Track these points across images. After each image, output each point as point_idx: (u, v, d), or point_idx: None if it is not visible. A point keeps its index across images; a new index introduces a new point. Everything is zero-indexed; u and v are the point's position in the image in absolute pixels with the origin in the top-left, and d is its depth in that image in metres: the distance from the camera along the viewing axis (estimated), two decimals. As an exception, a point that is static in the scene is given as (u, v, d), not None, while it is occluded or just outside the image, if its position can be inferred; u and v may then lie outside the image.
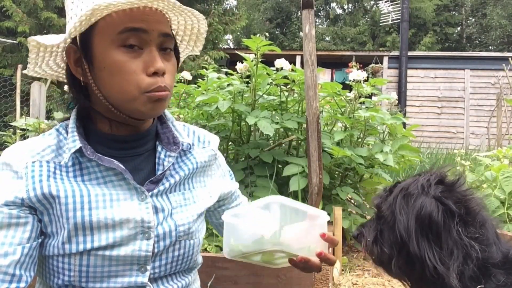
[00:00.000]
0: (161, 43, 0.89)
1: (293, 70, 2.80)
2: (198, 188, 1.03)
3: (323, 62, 10.38)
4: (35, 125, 3.33)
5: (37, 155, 0.89)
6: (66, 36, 0.88)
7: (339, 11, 22.50)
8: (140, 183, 0.92)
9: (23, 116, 4.01)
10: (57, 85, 8.33)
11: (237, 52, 3.43)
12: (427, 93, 10.67)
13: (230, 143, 3.05)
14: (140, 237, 0.89)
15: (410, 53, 10.73)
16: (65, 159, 0.89)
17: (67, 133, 0.93)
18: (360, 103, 3.05)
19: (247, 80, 2.90)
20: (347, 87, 3.06)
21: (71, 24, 0.87)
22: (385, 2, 14.01)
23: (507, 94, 7.90)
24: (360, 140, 3.02)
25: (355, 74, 2.85)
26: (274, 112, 2.93)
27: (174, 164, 0.98)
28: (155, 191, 0.93)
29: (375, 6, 19.84)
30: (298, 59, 10.35)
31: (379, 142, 3.05)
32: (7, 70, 8.28)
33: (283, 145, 2.98)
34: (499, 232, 0.90)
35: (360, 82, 2.86)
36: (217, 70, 3.45)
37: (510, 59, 7.64)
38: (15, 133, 3.78)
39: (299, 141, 2.98)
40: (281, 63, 2.76)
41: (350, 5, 21.72)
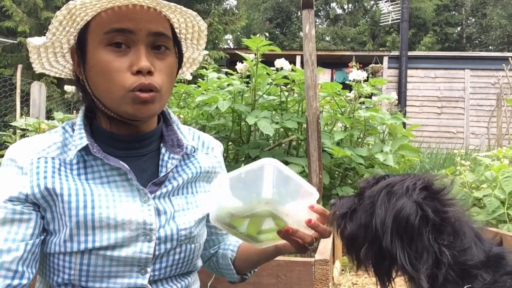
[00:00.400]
0: (152, 42, 0.87)
1: (293, 70, 2.80)
2: (201, 193, 1.02)
3: (323, 62, 10.37)
4: (35, 125, 3.32)
5: (43, 152, 0.89)
6: (48, 35, 0.89)
7: (339, 11, 22.50)
8: (142, 184, 0.92)
9: (23, 116, 4.01)
10: (57, 85, 8.33)
11: (237, 52, 3.43)
12: (427, 93, 10.67)
13: (230, 143, 3.05)
14: (141, 239, 0.89)
15: (410, 53, 10.73)
16: (70, 156, 0.89)
17: (73, 130, 0.93)
18: (360, 103, 3.06)
19: (247, 80, 2.90)
20: (347, 87, 3.06)
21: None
22: (385, 2, 14.00)
23: (507, 94, 7.89)
24: (360, 140, 3.02)
25: (355, 74, 2.85)
26: (274, 112, 2.93)
27: (177, 166, 0.98)
28: (157, 193, 0.92)
29: (375, 6, 19.83)
30: (298, 59, 10.34)
31: (379, 142, 3.05)
32: (7, 70, 8.28)
33: (283, 145, 2.98)
34: (483, 233, 0.94)
35: (360, 82, 2.86)
36: (217, 70, 3.45)
37: (510, 59, 7.64)
38: (15, 133, 3.78)
39: (299, 141, 2.98)
40: (281, 63, 2.76)
41: (350, 5, 21.71)
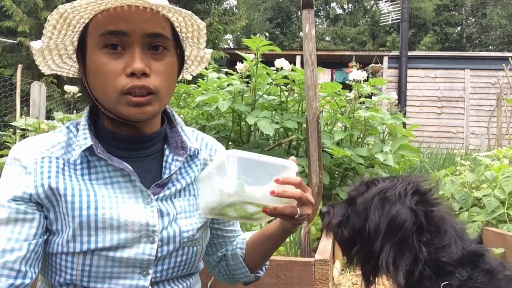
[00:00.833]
0: (148, 43, 0.86)
1: (293, 70, 2.81)
2: None
3: (323, 62, 10.37)
4: (35, 125, 3.32)
5: (47, 151, 0.89)
6: (43, 40, 0.89)
7: (339, 11, 22.48)
8: (145, 186, 0.91)
9: (23, 116, 4.00)
10: (57, 85, 8.33)
11: (237, 52, 3.44)
12: (427, 93, 10.67)
13: (230, 143, 3.06)
14: (144, 240, 0.89)
15: (410, 53, 10.72)
16: (74, 156, 0.89)
17: (77, 130, 0.93)
18: (360, 103, 3.06)
19: (247, 80, 2.91)
20: (347, 87, 3.06)
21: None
22: (385, 2, 14.00)
23: (507, 94, 7.89)
24: (360, 140, 3.02)
25: (355, 74, 2.85)
26: (274, 112, 2.93)
27: (180, 168, 0.98)
28: (160, 195, 0.92)
29: (375, 6, 19.83)
30: (298, 59, 10.34)
31: (379, 142, 3.05)
32: (7, 70, 8.27)
33: (283, 145, 2.98)
34: (465, 232, 1.00)
35: (360, 82, 2.86)
36: (217, 70, 3.45)
37: (510, 59, 7.64)
38: (15, 133, 3.78)
39: (299, 141, 2.98)
40: (281, 63, 2.76)
41: (350, 5, 21.70)
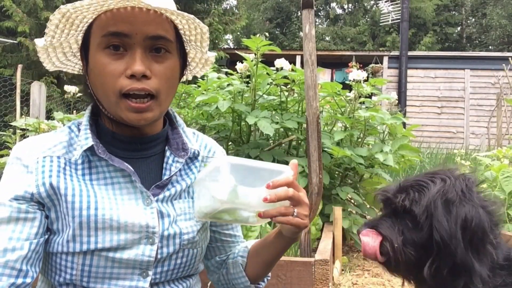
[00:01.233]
0: (150, 45, 0.86)
1: (293, 70, 2.80)
2: None
3: (323, 62, 10.37)
4: (35, 125, 3.32)
5: (48, 150, 0.89)
6: (46, 38, 0.89)
7: (339, 11, 22.48)
8: (146, 187, 0.91)
9: (23, 116, 4.01)
10: (57, 85, 8.33)
11: (237, 52, 3.44)
12: (427, 93, 10.67)
13: (230, 143, 3.06)
14: (144, 241, 0.89)
15: (410, 53, 10.73)
16: (75, 156, 0.89)
17: (78, 130, 0.94)
18: (360, 103, 3.06)
19: (247, 80, 2.90)
20: (347, 87, 3.06)
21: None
22: (385, 2, 14.01)
23: (507, 94, 7.90)
24: (360, 140, 3.02)
25: (355, 74, 2.85)
26: (274, 112, 2.93)
27: (181, 170, 0.98)
28: (160, 196, 0.92)
29: (375, 6, 19.83)
30: (298, 59, 10.35)
31: (379, 142, 3.05)
32: (7, 70, 8.27)
33: (283, 145, 2.98)
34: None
35: (360, 82, 2.86)
36: (217, 70, 3.45)
37: (510, 59, 7.64)
38: (15, 133, 3.78)
39: (299, 141, 2.98)
40: (281, 63, 2.76)
41: (350, 5, 21.69)
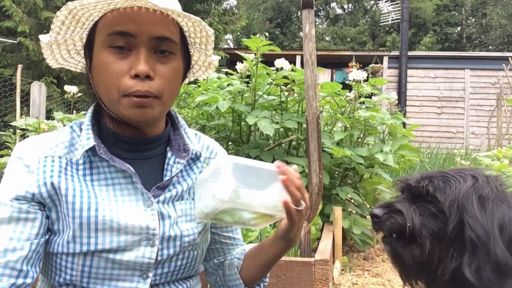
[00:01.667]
0: (155, 46, 0.86)
1: (293, 70, 2.81)
2: None
3: (323, 62, 10.37)
4: (35, 125, 3.32)
5: (50, 150, 0.89)
6: (51, 34, 0.90)
7: (339, 11, 22.48)
8: (147, 188, 0.91)
9: (23, 116, 4.00)
10: (57, 85, 8.33)
11: (237, 52, 3.44)
12: (427, 93, 10.67)
13: (230, 143, 3.06)
14: (144, 243, 0.88)
15: (410, 53, 10.73)
16: (77, 156, 0.89)
17: (80, 130, 0.93)
18: (360, 103, 3.06)
19: (247, 80, 2.91)
20: (347, 87, 3.06)
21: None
22: (385, 2, 14.01)
23: (507, 94, 7.90)
24: (360, 140, 3.02)
25: (355, 74, 2.85)
26: (274, 112, 2.93)
27: (182, 171, 0.97)
28: (161, 198, 0.92)
29: (375, 6, 19.83)
30: (298, 59, 10.34)
31: (379, 142, 3.05)
32: (7, 70, 8.26)
33: (283, 145, 2.98)
34: None
35: (360, 82, 2.86)
36: (217, 70, 3.44)
37: (510, 59, 7.64)
38: (15, 133, 3.78)
39: (299, 141, 2.98)
40: (281, 63, 2.76)
41: (350, 5, 21.69)
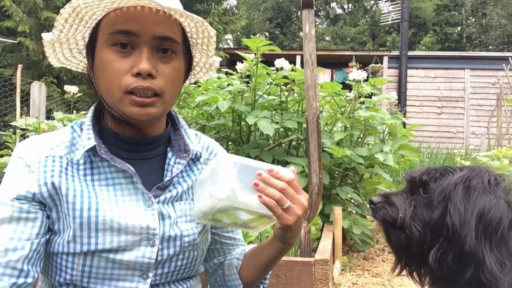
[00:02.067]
0: (157, 45, 0.87)
1: (293, 70, 2.81)
2: None
3: (323, 62, 10.38)
4: (35, 125, 3.32)
5: (51, 150, 0.89)
6: (54, 32, 0.90)
7: (339, 11, 22.48)
8: (147, 188, 0.91)
9: (23, 116, 4.01)
10: (57, 85, 8.33)
11: (237, 52, 3.44)
12: (427, 93, 10.67)
13: (230, 143, 3.06)
14: (144, 243, 0.89)
15: (410, 53, 10.72)
16: (77, 156, 0.89)
17: (81, 130, 0.94)
18: (360, 103, 3.06)
19: (247, 80, 2.91)
20: (347, 87, 3.06)
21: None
22: (385, 2, 14.01)
23: (507, 94, 7.90)
24: (360, 140, 3.02)
25: (355, 74, 2.85)
26: (274, 112, 2.93)
27: (182, 172, 0.98)
28: (161, 198, 0.92)
29: (375, 6, 19.84)
30: (298, 59, 10.35)
31: (379, 142, 3.05)
32: (7, 70, 8.27)
33: (283, 145, 2.98)
34: None
35: (360, 82, 2.86)
36: (217, 70, 3.44)
37: (510, 59, 7.64)
38: (15, 133, 3.78)
39: (299, 141, 2.98)
40: (281, 63, 2.76)
41: (350, 5, 21.68)
